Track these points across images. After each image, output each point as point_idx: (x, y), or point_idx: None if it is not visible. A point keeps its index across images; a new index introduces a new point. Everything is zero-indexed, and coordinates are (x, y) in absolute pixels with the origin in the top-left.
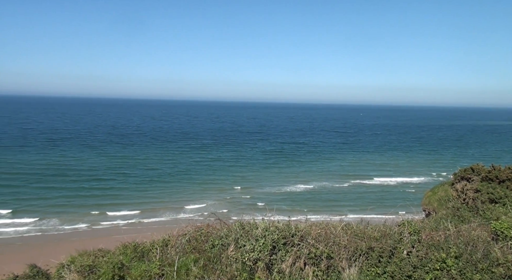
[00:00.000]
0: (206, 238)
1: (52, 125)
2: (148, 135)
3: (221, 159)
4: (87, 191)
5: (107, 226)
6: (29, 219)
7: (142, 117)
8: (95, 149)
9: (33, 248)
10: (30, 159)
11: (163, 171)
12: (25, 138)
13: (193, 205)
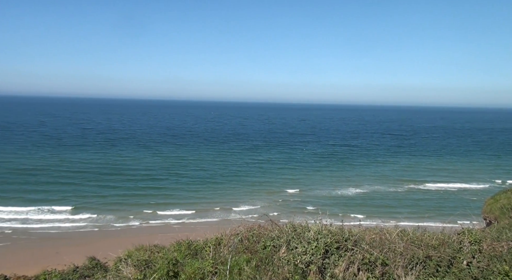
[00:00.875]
0: (258, 238)
1: (110, 125)
2: (200, 136)
3: (272, 160)
4: (141, 190)
5: (159, 224)
6: (86, 215)
7: (195, 118)
8: (150, 149)
9: (91, 242)
10: (89, 158)
11: (215, 172)
12: (85, 138)
13: (243, 206)
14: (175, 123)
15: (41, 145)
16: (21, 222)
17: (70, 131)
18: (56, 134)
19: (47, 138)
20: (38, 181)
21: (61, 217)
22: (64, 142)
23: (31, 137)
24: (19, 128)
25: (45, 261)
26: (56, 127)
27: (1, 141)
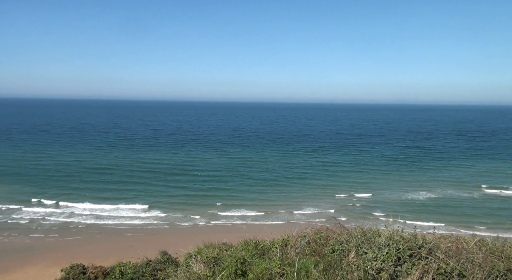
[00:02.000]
0: (326, 241)
1: (179, 126)
2: (266, 137)
3: (338, 163)
4: (208, 190)
5: (225, 224)
6: (156, 213)
7: (261, 120)
8: (217, 150)
9: (161, 238)
10: (159, 158)
11: (280, 173)
12: (156, 139)
13: (308, 209)
14: (241, 124)
15: (115, 146)
16: (96, 218)
17: (142, 132)
18: (130, 135)
19: (121, 138)
20: (112, 180)
21: (132, 214)
22: (136, 142)
23: (107, 138)
24: (95, 129)
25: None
26: (129, 129)
27: (80, 141)
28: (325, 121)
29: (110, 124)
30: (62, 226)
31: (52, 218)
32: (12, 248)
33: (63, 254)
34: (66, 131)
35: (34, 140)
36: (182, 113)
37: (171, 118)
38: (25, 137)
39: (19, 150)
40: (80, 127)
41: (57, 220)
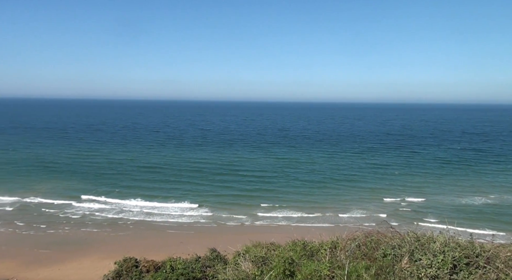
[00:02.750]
0: (377, 245)
1: (227, 126)
2: (313, 137)
3: (388, 165)
4: (254, 191)
5: (271, 224)
6: (204, 211)
7: (308, 120)
8: (263, 150)
9: (209, 236)
10: (207, 157)
11: (327, 175)
12: (204, 138)
13: (356, 212)
14: (287, 125)
15: (165, 145)
16: (145, 214)
17: (191, 132)
18: (179, 135)
19: (170, 138)
20: (161, 178)
21: (181, 212)
22: (185, 142)
23: (157, 137)
24: (146, 129)
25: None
26: (179, 128)
27: (132, 140)
28: (375, 122)
29: (160, 123)
30: (113, 221)
31: (104, 214)
32: (67, 240)
33: (115, 247)
34: (119, 130)
35: (89, 138)
36: (229, 113)
37: (218, 118)
38: (80, 135)
39: (74, 148)
40: (132, 126)
41: (109, 216)
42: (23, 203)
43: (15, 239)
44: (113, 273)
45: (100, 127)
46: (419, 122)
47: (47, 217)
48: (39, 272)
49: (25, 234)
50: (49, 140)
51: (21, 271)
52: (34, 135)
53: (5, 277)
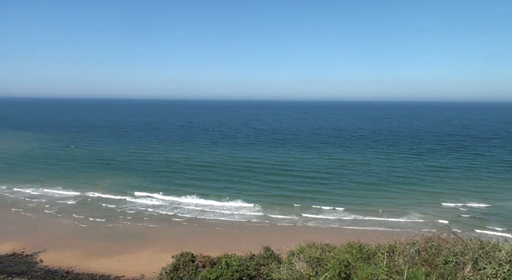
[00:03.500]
0: (438, 251)
1: (279, 126)
2: (368, 137)
3: (448, 168)
4: (307, 192)
5: (323, 225)
6: (256, 210)
7: (363, 119)
8: (316, 150)
9: (263, 234)
10: (259, 157)
11: (383, 177)
12: (257, 138)
13: (414, 216)
14: (341, 124)
15: (219, 144)
16: (199, 212)
17: (244, 131)
18: (232, 134)
19: (224, 137)
20: (214, 177)
21: (234, 211)
22: (238, 141)
23: (212, 136)
24: (201, 128)
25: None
26: (233, 127)
27: (188, 139)
28: (434, 121)
29: (215, 122)
30: (168, 217)
31: (160, 210)
32: (126, 233)
33: (171, 242)
34: (176, 129)
35: (147, 137)
36: (283, 112)
37: (271, 117)
38: (139, 134)
39: (133, 146)
40: (188, 125)
41: (164, 212)
42: (84, 198)
43: (77, 230)
44: (171, 266)
45: (158, 126)
46: (482, 122)
47: (107, 211)
48: (100, 262)
49: (87, 226)
50: (110, 138)
51: (83, 260)
52: (96, 133)
53: (69, 265)
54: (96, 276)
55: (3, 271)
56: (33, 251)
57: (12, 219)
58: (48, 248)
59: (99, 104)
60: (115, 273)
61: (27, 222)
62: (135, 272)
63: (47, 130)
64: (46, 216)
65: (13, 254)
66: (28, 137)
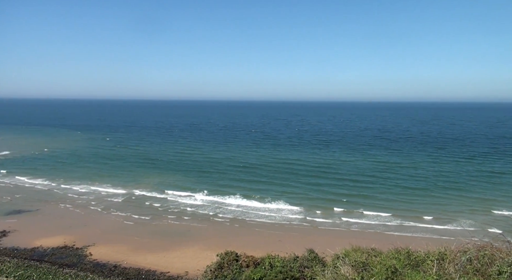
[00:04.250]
0: (491, 261)
1: (323, 127)
2: (415, 139)
3: (502, 173)
4: (349, 196)
5: (366, 230)
6: (298, 212)
7: (411, 121)
8: (361, 152)
9: (306, 236)
10: (302, 158)
11: (430, 181)
12: (300, 139)
13: (463, 223)
14: (388, 126)
15: (261, 145)
16: (241, 212)
17: (287, 132)
18: (275, 135)
19: (267, 138)
20: (255, 179)
21: (276, 212)
22: (281, 142)
23: (255, 137)
24: (245, 129)
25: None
26: (275, 128)
27: (231, 140)
28: (486, 123)
29: (258, 124)
30: (211, 216)
31: (203, 209)
32: (171, 231)
33: (214, 240)
34: (220, 130)
35: (191, 137)
36: (327, 113)
37: (315, 118)
38: (184, 134)
39: (178, 146)
40: (231, 126)
41: (207, 211)
42: (130, 196)
43: (124, 227)
44: (215, 265)
45: (202, 127)
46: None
47: (152, 209)
48: (146, 257)
49: (133, 223)
50: (156, 138)
51: (130, 255)
52: (143, 133)
53: (116, 259)
54: (143, 271)
55: (55, 262)
56: (83, 245)
57: (63, 214)
58: (97, 242)
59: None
60: (160, 269)
61: (77, 217)
62: (179, 269)
63: (97, 130)
64: (95, 212)
65: (65, 246)
66: (79, 137)
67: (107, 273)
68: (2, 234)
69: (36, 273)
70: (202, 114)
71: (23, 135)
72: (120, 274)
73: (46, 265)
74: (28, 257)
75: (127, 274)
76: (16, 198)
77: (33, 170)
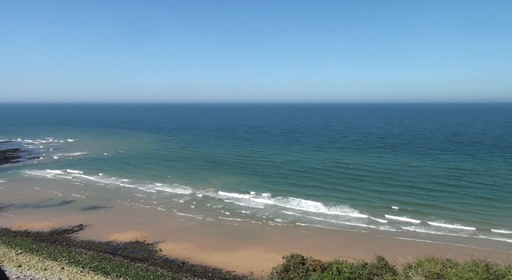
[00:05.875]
0: None
1: (390, 130)
2: (492, 144)
3: None
4: (418, 205)
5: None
6: (363, 217)
7: (487, 123)
8: (431, 157)
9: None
10: (366, 162)
11: (504, 189)
12: (365, 142)
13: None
14: (460, 129)
15: (325, 148)
16: (304, 215)
17: (352, 135)
18: (339, 138)
19: (330, 141)
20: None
21: (341, 218)
22: (346, 145)
23: (317, 140)
24: (308, 131)
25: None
26: (340, 131)
27: (293, 143)
28: None
29: (322, 126)
30: (275, 218)
31: (266, 211)
32: (236, 231)
33: (278, 243)
34: (282, 132)
35: (255, 140)
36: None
37: (381, 121)
38: (248, 136)
39: (242, 148)
40: (294, 129)
41: (271, 213)
42: (197, 196)
43: (191, 225)
44: (281, 267)
45: (265, 130)
46: None
47: (217, 210)
48: (213, 255)
49: (199, 222)
50: (221, 140)
51: (198, 253)
52: (209, 136)
53: (185, 256)
54: (209, 269)
55: (128, 256)
56: (153, 241)
57: (134, 212)
58: (166, 239)
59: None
60: (226, 268)
61: (147, 215)
62: (244, 269)
63: (164, 132)
64: (163, 211)
65: (136, 242)
66: (147, 139)
67: (175, 269)
68: (79, 228)
69: (110, 265)
70: (264, 117)
71: (99, 137)
72: (188, 271)
73: (119, 258)
74: (102, 250)
75: (194, 271)
76: (91, 195)
77: (107, 169)
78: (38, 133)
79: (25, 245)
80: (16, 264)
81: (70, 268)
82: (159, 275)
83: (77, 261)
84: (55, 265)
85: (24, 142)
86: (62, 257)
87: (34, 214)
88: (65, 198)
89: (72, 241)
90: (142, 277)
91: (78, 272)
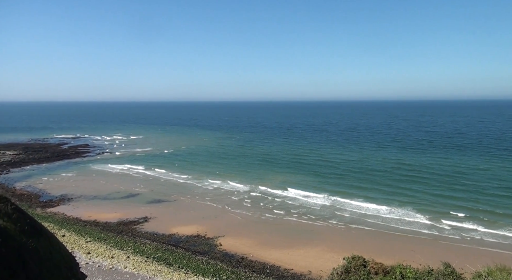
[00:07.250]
0: None
1: (456, 129)
2: None
3: None
4: (485, 213)
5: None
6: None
7: None
8: (501, 159)
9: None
10: (429, 163)
11: None
12: (429, 141)
13: None
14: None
15: (384, 147)
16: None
17: (415, 134)
18: (401, 137)
19: (391, 140)
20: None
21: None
22: (408, 145)
23: (378, 139)
24: (368, 130)
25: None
26: (402, 130)
27: (354, 142)
28: None
29: (384, 124)
30: (334, 218)
31: (326, 210)
32: (294, 229)
33: (337, 243)
34: (342, 131)
35: (314, 138)
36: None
37: (446, 120)
38: (307, 135)
39: (299, 148)
40: (353, 127)
41: (330, 212)
42: (255, 192)
43: (250, 222)
44: (342, 268)
45: (324, 128)
46: None
47: (275, 207)
48: (271, 252)
49: (258, 219)
50: (279, 138)
51: (257, 249)
52: (269, 133)
53: (244, 252)
54: (267, 266)
55: (189, 249)
56: (213, 235)
57: (196, 206)
58: (226, 234)
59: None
60: (284, 265)
61: (208, 209)
62: (303, 267)
63: (225, 129)
64: (223, 206)
65: (197, 235)
66: (209, 136)
67: (234, 264)
68: (144, 220)
69: (172, 257)
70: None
71: (165, 134)
72: (246, 266)
73: (181, 250)
74: (165, 242)
75: (253, 266)
76: (156, 189)
77: (170, 165)
78: (103, 130)
79: (94, 234)
80: (86, 251)
81: (135, 257)
82: (218, 268)
83: (142, 251)
84: (121, 254)
85: (91, 138)
86: (128, 246)
87: (102, 206)
88: (130, 192)
89: (137, 232)
90: (202, 270)
91: (143, 261)
